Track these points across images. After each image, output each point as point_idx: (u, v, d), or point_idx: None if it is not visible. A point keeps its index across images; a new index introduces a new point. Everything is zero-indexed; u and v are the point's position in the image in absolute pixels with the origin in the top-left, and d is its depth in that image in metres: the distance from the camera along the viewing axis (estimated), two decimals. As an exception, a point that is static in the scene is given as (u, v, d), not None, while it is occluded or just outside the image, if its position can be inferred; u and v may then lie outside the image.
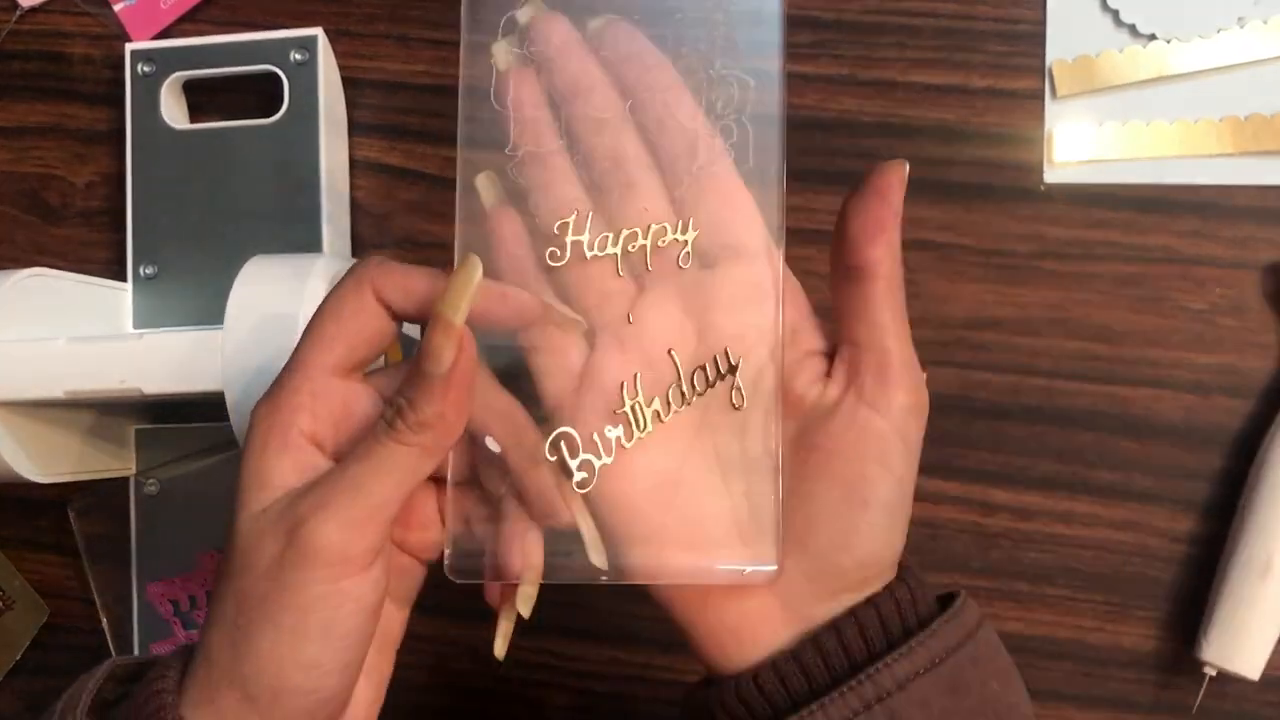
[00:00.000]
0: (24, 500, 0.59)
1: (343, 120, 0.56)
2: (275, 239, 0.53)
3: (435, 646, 0.57)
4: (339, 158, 0.55)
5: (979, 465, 0.52)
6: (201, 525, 0.54)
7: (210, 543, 0.54)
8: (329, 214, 0.53)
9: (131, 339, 0.46)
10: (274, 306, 0.43)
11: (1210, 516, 0.51)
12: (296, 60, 0.53)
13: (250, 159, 0.53)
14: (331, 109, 0.54)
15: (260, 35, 0.54)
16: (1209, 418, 0.51)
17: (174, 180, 0.54)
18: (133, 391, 0.45)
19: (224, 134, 0.54)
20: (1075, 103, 0.52)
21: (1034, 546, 0.52)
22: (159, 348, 0.45)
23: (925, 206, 0.52)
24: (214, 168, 0.54)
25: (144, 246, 0.54)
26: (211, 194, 0.54)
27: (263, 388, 0.41)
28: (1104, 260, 0.52)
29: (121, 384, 0.45)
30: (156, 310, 0.54)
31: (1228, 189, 0.51)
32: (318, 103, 0.53)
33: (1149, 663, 0.52)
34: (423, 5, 0.56)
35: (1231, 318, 0.51)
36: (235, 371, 0.43)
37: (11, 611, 0.58)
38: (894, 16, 0.53)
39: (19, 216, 0.59)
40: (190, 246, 0.54)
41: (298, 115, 0.53)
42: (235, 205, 0.54)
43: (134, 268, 0.54)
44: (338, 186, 0.55)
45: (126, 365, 0.45)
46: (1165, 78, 0.51)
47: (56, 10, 0.58)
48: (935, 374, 0.52)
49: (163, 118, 0.54)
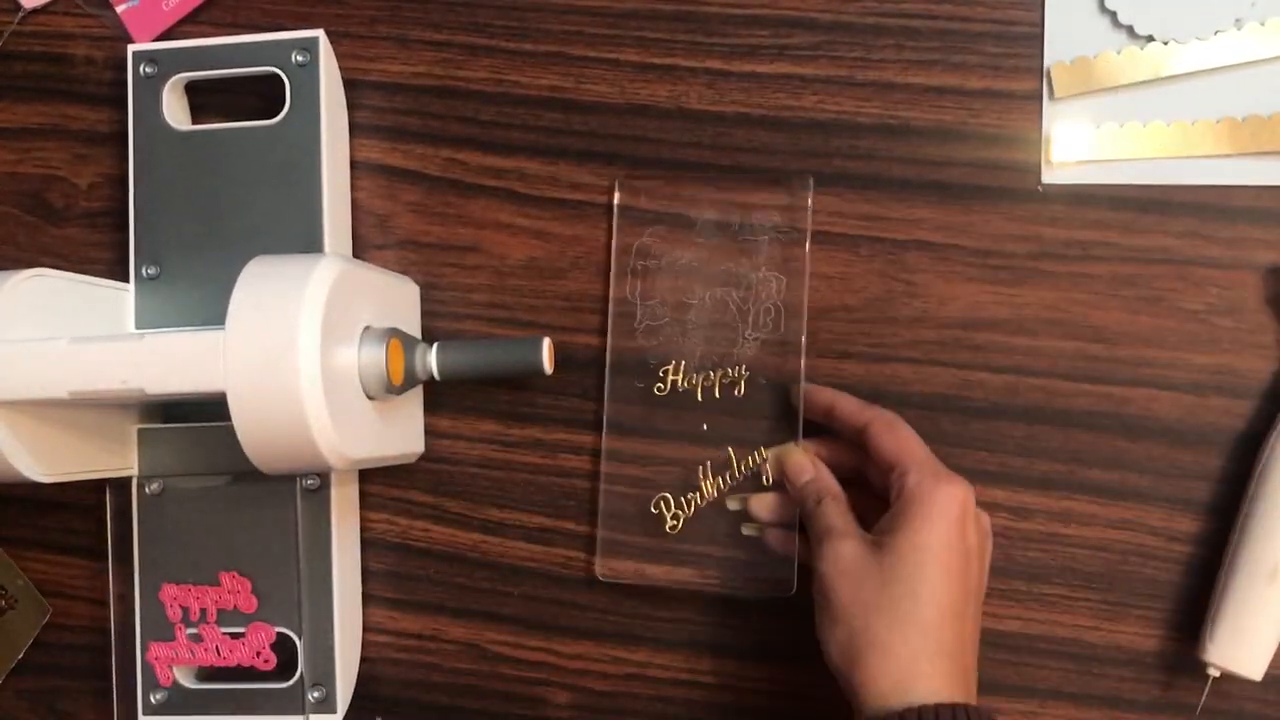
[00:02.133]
0: (26, 500, 0.59)
1: (344, 121, 0.56)
2: (277, 240, 0.53)
3: (436, 646, 0.57)
4: (341, 158, 0.55)
5: (977, 465, 0.52)
6: (217, 539, 0.54)
7: (231, 562, 0.54)
8: (330, 215, 0.53)
9: (133, 339, 0.46)
10: (275, 307, 0.43)
11: (1207, 516, 0.51)
12: (298, 62, 0.53)
13: (252, 160, 0.54)
14: (333, 110, 0.54)
15: (262, 37, 0.54)
16: (1205, 418, 0.51)
17: (176, 181, 0.54)
18: (135, 392, 0.45)
19: (226, 135, 0.54)
20: (1073, 104, 0.52)
21: (1031, 545, 0.52)
22: (161, 348, 0.45)
23: (923, 207, 0.53)
24: (216, 169, 0.54)
25: (146, 247, 0.55)
26: (214, 195, 0.54)
27: (265, 387, 0.41)
28: (1101, 261, 0.52)
29: (124, 384, 0.45)
30: (159, 311, 0.54)
31: (1225, 190, 0.51)
32: (319, 104, 0.53)
33: (1146, 661, 0.52)
34: (424, 7, 0.56)
35: (1228, 318, 0.51)
36: (237, 371, 0.43)
37: (14, 610, 0.58)
38: (892, 18, 0.53)
39: (21, 217, 0.59)
40: (192, 247, 0.54)
41: (299, 116, 0.53)
42: (237, 206, 0.54)
43: (136, 268, 0.55)
44: (340, 187, 0.55)
45: (129, 365, 0.45)
46: (1162, 79, 0.51)
47: (59, 11, 0.59)
48: (933, 374, 0.53)
49: (165, 119, 0.55)
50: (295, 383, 0.42)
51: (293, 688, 0.53)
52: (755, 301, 0.52)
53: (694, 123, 0.54)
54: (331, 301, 0.44)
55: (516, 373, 0.51)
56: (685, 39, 0.54)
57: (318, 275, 0.44)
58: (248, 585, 0.53)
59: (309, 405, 0.43)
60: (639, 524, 0.54)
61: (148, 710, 0.54)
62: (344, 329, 0.46)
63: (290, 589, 0.53)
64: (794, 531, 0.51)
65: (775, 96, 0.54)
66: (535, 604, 0.56)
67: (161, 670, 0.54)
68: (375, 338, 0.47)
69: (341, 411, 0.44)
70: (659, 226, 0.54)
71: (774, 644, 0.54)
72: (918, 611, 0.42)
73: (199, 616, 0.54)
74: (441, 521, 0.56)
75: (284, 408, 0.43)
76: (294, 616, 0.53)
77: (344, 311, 0.46)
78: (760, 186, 0.53)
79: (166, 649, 0.54)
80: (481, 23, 0.56)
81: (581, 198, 0.55)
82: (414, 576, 0.57)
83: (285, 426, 0.43)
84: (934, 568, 0.43)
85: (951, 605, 0.43)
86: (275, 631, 0.53)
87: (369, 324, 0.48)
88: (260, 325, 0.43)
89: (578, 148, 0.55)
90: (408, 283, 0.55)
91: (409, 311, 0.55)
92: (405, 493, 0.57)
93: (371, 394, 0.47)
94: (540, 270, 0.55)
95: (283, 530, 0.53)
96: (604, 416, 0.54)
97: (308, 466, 0.45)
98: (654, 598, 0.55)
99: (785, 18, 0.53)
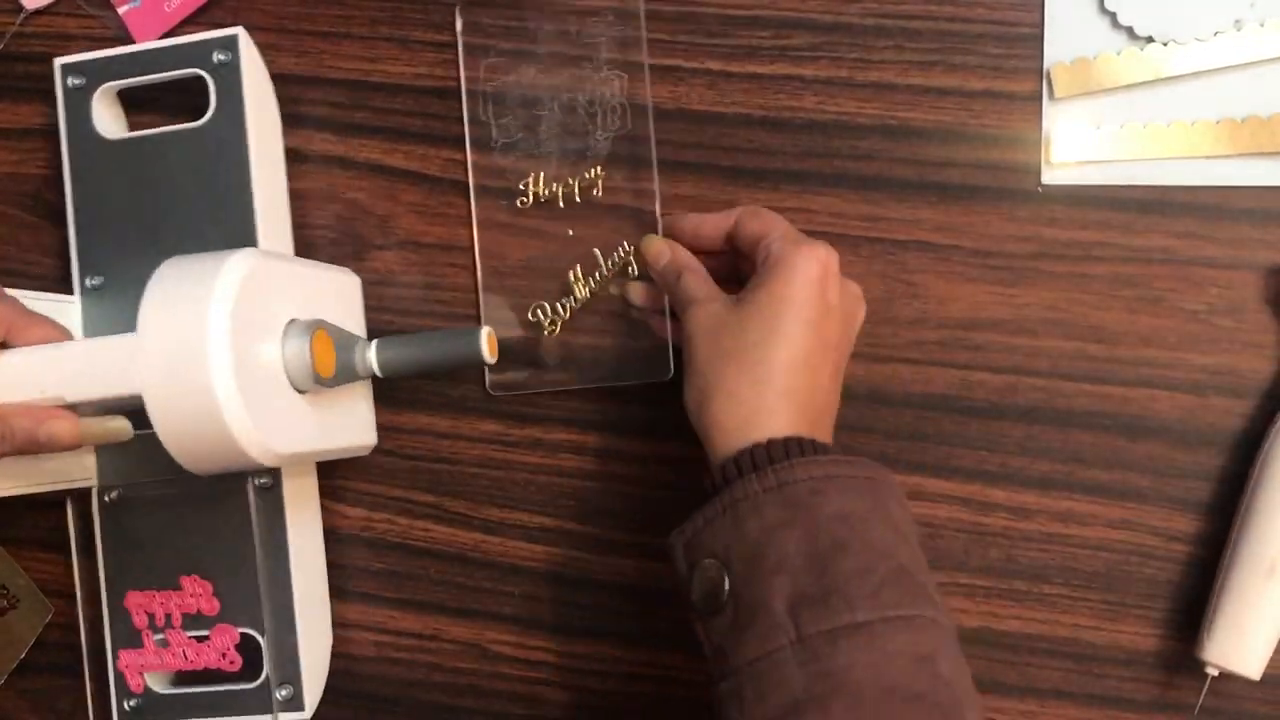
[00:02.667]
0: (28, 499, 0.59)
1: (274, 116, 0.56)
2: (214, 240, 0.53)
3: (436, 646, 0.57)
4: (272, 153, 0.55)
5: (977, 465, 0.52)
6: (177, 544, 0.54)
7: (192, 565, 0.54)
8: (262, 211, 0.53)
9: (52, 348, 0.46)
10: (185, 305, 0.43)
11: (1207, 516, 0.51)
12: (219, 61, 0.53)
13: (184, 163, 0.54)
14: (258, 106, 0.54)
15: (183, 39, 0.54)
16: (1205, 418, 0.51)
17: (113, 190, 0.54)
18: (55, 400, 0.45)
19: (156, 140, 0.54)
20: (1073, 104, 0.52)
21: (1031, 545, 0.52)
22: (78, 355, 0.46)
23: (923, 208, 0.53)
24: (150, 175, 0.54)
25: (88, 258, 0.55)
26: (150, 201, 0.54)
27: (178, 388, 0.42)
28: (1101, 261, 0.52)
29: (43, 393, 0.45)
30: (106, 320, 0.54)
31: (1225, 190, 0.51)
32: (243, 102, 0.53)
33: (1146, 661, 0.52)
34: (424, 8, 0.56)
35: (1228, 318, 0.51)
36: (151, 373, 0.43)
37: (15, 610, 0.58)
38: (892, 19, 0.53)
39: (22, 217, 0.59)
40: (134, 255, 0.54)
41: (224, 115, 0.53)
42: (173, 210, 0.54)
43: (80, 279, 0.55)
44: (272, 182, 0.55)
45: (48, 374, 0.45)
46: (1163, 79, 0.51)
47: (60, 13, 0.59)
48: (933, 374, 0.53)
49: (95, 129, 0.55)
50: (208, 379, 0.42)
51: (260, 688, 0.53)
52: (601, 102, 0.54)
53: (694, 123, 0.54)
54: (245, 296, 0.44)
55: (459, 364, 0.51)
56: (685, 39, 0.54)
57: (227, 271, 0.44)
58: (209, 588, 0.53)
59: (223, 401, 0.42)
60: (520, 336, 0.55)
61: (122, 717, 0.55)
62: (264, 323, 0.46)
63: (251, 589, 0.53)
64: (665, 317, 0.53)
65: (775, 97, 0.54)
66: (535, 604, 0.56)
67: (133, 678, 0.54)
68: (299, 330, 0.47)
69: (264, 406, 0.44)
70: (504, 45, 0.55)
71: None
72: (767, 357, 0.43)
73: (164, 622, 0.54)
74: (442, 521, 0.57)
75: (200, 406, 0.43)
76: (257, 616, 0.53)
77: (263, 306, 0.46)
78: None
79: (136, 656, 0.54)
80: (482, 23, 0.56)
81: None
82: (415, 576, 0.57)
83: (204, 424, 0.43)
84: (788, 318, 0.44)
85: (804, 353, 0.44)
86: (239, 633, 0.53)
87: (295, 317, 0.48)
88: (171, 324, 0.43)
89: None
90: (347, 275, 0.55)
91: (347, 304, 0.54)
92: (406, 493, 0.57)
93: (300, 387, 0.47)
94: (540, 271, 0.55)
95: (239, 531, 0.53)
96: (475, 239, 0.56)
97: (237, 464, 0.45)
98: (636, 595, 0.55)
99: (785, 18, 0.54)
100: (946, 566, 0.53)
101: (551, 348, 0.55)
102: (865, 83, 0.53)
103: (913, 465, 0.53)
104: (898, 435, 0.53)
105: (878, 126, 0.53)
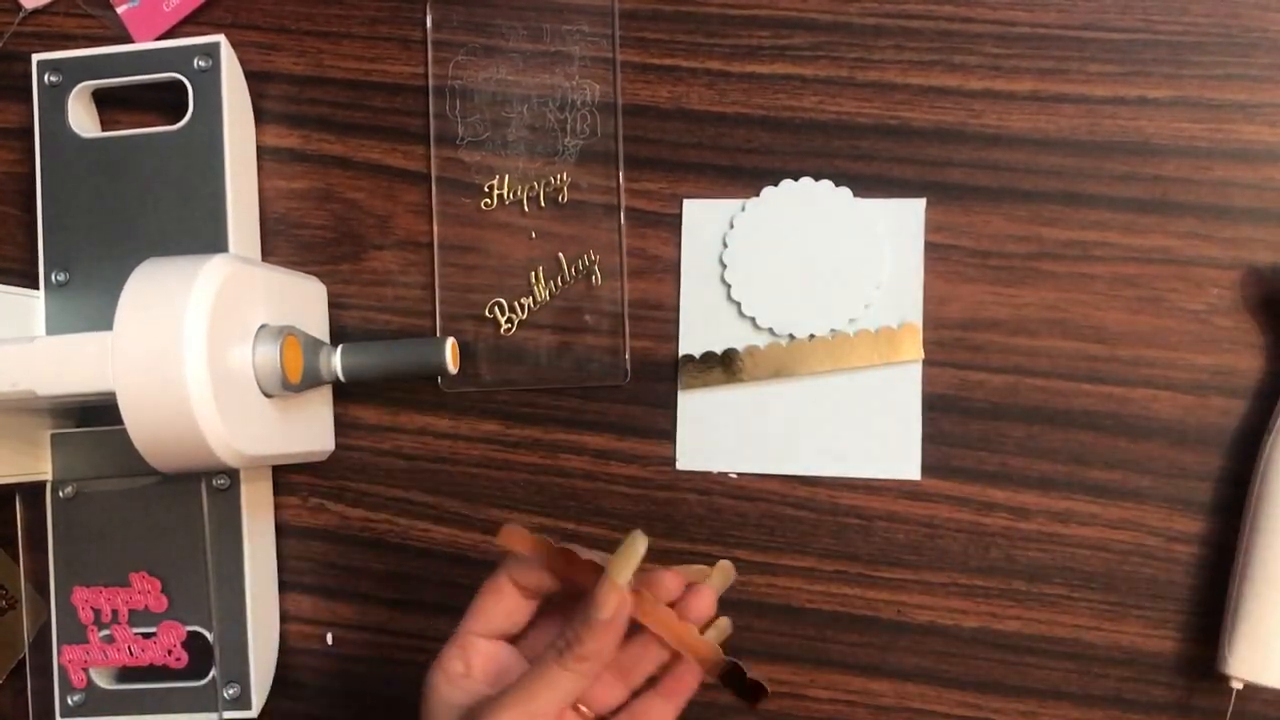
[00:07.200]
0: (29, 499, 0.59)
1: (249, 123, 0.56)
2: (183, 243, 0.53)
3: (437, 646, 0.57)
4: (245, 159, 0.56)
5: (977, 465, 0.52)
6: (129, 541, 0.54)
7: (142, 562, 0.54)
8: (235, 216, 0.53)
9: (23, 342, 0.46)
10: (161, 307, 0.44)
11: (1207, 516, 0.51)
12: (199, 67, 0.54)
13: (158, 165, 0.54)
14: (236, 113, 0.54)
15: (165, 44, 0.55)
16: (1205, 418, 0.51)
17: (84, 188, 0.55)
18: (26, 394, 0.45)
19: (132, 141, 0.55)
20: (1073, 104, 0.52)
21: (1032, 546, 0.52)
22: (51, 350, 0.46)
23: (923, 208, 0.53)
24: (123, 175, 0.54)
25: (55, 254, 0.55)
26: (121, 200, 0.54)
27: (152, 387, 0.42)
28: (1101, 261, 0.52)
29: (14, 386, 0.45)
30: (69, 317, 0.54)
31: (1225, 190, 0.51)
32: (221, 108, 0.53)
33: (1146, 661, 0.52)
34: (424, 8, 0.56)
35: (1228, 318, 0.51)
36: (125, 372, 0.43)
37: (14, 610, 0.58)
38: (892, 19, 0.53)
39: (22, 217, 0.59)
40: (101, 253, 0.54)
41: (202, 121, 0.54)
42: (145, 211, 0.54)
43: (46, 275, 0.55)
44: (244, 189, 0.55)
45: (19, 368, 0.45)
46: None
47: (60, 12, 0.59)
48: (934, 374, 0.53)
49: (70, 127, 0.55)
50: (182, 381, 0.43)
51: (207, 685, 0.54)
52: (572, 109, 0.54)
53: (694, 123, 0.54)
54: (221, 300, 0.44)
55: (421, 373, 0.52)
56: (685, 39, 0.54)
57: (205, 275, 0.45)
58: (157, 585, 0.54)
59: (196, 402, 0.43)
60: (473, 331, 0.55)
61: (65, 713, 0.55)
62: (237, 327, 0.46)
63: (201, 588, 0.53)
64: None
65: (775, 97, 0.54)
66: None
67: (75, 673, 0.54)
68: (270, 336, 0.47)
69: (234, 409, 0.45)
70: (475, 42, 0.55)
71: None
72: None
73: (110, 618, 0.54)
74: (442, 521, 0.57)
75: (172, 406, 0.43)
76: (206, 615, 0.53)
77: (236, 310, 0.46)
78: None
79: (80, 651, 0.54)
80: (483, 23, 0.56)
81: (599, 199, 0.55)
82: (415, 576, 0.57)
83: (175, 424, 0.43)
84: None
85: None
86: (186, 630, 0.53)
87: (266, 322, 0.48)
88: (147, 325, 0.43)
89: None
90: (313, 282, 0.55)
91: (313, 311, 0.55)
92: (406, 493, 0.57)
93: (269, 391, 0.48)
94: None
95: (192, 530, 0.53)
96: (434, 232, 0.56)
97: (203, 465, 0.45)
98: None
99: (785, 18, 0.54)
100: (946, 566, 0.53)
101: (507, 346, 0.55)
102: (865, 83, 0.53)
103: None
104: (898, 435, 0.53)
105: (878, 126, 0.53)
